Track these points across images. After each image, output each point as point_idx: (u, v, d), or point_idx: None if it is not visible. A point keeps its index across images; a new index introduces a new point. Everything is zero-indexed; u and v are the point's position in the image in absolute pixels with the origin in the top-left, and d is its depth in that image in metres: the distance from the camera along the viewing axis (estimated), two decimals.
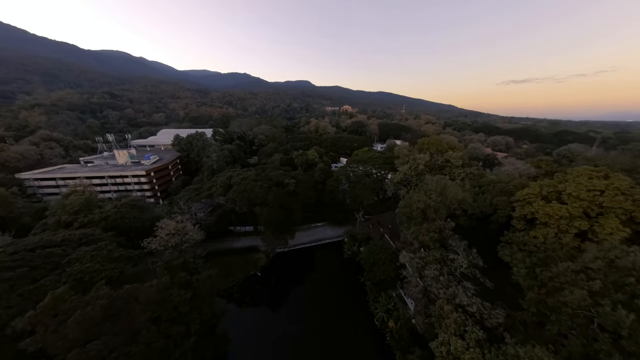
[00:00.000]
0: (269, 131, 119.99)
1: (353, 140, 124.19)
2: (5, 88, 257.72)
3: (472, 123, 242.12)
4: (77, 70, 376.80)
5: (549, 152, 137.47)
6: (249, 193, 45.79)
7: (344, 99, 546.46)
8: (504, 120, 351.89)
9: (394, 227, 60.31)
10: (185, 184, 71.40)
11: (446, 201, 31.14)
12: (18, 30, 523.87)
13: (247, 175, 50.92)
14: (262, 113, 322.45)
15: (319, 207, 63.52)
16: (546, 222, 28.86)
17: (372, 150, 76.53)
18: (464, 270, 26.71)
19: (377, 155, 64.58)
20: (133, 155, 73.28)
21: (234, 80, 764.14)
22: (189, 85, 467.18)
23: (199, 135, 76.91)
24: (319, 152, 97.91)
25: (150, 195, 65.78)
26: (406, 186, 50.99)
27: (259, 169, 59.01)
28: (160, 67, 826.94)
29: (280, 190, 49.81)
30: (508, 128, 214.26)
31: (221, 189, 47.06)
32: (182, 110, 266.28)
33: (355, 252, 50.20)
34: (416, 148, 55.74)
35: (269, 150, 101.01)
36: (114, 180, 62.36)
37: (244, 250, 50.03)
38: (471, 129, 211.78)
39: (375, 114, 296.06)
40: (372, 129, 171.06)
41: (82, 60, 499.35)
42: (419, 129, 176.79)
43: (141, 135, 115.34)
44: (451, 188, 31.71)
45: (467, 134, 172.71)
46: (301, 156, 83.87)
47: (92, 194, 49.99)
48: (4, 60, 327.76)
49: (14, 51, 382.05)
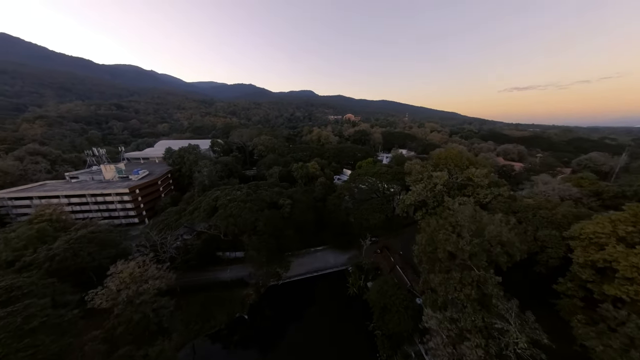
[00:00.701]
0: (268, 142, 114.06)
1: (356, 150, 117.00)
2: (19, 101, 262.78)
3: (478, 131, 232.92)
4: (89, 84, 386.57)
5: (567, 161, 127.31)
6: (236, 219, 38.44)
7: (347, 108, 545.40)
8: (509, 127, 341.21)
9: (406, 252, 51.68)
10: (175, 201, 64.76)
11: (484, 243, 23.01)
12: (39, 48, 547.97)
13: (235, 196, 43.72)
14: (266, 122, 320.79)
15: (320, 228, 55.64)
16: (633, 277, 20.23)
17: (378, 164, 68.88)
18: (520, 351, 18.25)
19: (385, 170, 57.00)
20: (121, 170, 67.43)
21: (239, 91, 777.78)
22: (196, 96, 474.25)
23: (191, 148, 70.84)
24: (320, 164, 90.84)
25: (134, 215, 59.12)
26: (421, 208, 42.84)
27: (251, 187, 51.89)
28: (170, 79, 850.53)
29: (273, 213, 42.37)
30: (517, 136, 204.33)
31: (204, 214, 39.83)
32: (186, 120, 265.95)
33: (361, 287, 41.74)
34: (430, 163, 47.77)
35: (268, 162, 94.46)
36: (94, 199, 56.16)
37: (231, 284, 42.15)
38: (478, 136, 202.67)
39: (378, 122, 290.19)
40: (376, 137, 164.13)
41: (96, 74, 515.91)
42: (424, 138, 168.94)
43: (138, 147, 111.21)
44: (492, 226, 23.51)
45: (475, 142, 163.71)
46: (301, 169, 76.81)
47: (62, 217, 43.74)
48: (21, 74, 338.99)
49: (32, 66, 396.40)
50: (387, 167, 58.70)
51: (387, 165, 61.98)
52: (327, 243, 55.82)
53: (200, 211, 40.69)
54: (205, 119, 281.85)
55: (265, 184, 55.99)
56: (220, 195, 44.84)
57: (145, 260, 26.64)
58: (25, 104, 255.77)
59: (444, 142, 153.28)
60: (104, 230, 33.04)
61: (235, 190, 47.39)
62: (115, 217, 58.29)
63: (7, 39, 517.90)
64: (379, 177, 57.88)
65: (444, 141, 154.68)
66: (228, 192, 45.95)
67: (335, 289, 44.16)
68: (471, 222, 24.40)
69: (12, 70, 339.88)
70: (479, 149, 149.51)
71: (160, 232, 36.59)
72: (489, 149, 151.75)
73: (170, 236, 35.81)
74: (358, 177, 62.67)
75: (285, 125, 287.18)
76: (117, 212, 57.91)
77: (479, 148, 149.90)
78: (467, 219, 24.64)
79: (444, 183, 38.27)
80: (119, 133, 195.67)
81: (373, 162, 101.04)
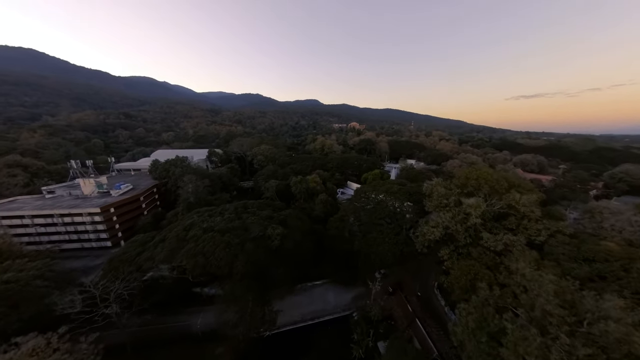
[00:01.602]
0: (268, 151, 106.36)
1: (362, 161, 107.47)
2: (35, 110, 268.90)
3: (489, 139, 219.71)
4: (103, 94, 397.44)
5: (596, 173, 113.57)
6: (207, 257, 29.32)
7: (352, 116, 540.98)
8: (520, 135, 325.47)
9: (426, 293, 40.99)
10: (156, 220, 56.53)
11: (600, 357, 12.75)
12: (61, 62, 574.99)
13: (213, 223, 34.73)
14: (270, 131, 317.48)
15: (319, 256, 45.84)
16: None
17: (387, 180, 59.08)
18: None
19: (397, 188, 47.25)
20: (101, 185, 60.16)
21: (247, 100, 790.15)
22: (204, 105, 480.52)
23: (178, 161, 63.18)
24: (322, 177, 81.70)
25: (107, 238, 50.91)
26: (447, 243, 32.62)
27: (238, 208, 42.96)
28: (181, 90, 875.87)
29: (258, 247, 33.08)
30: (533, 145, 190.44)
31: (167, 251, 30.67)
32: (191, 129, 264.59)
33: (369, 348, 31.29)
34: (456, 183, 37.72)
35: (267, 174, 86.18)
36: (62, 219, 48.48)
37: (203, 338, 32.60)
38: (490, 145, 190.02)
39: (383, 131, 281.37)
40: (382, 147, 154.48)
41: (112, 85, 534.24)
42: (433, 147, 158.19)
43: (134, 156, 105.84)
44: (610, 323, 12.81)
45: (488, 152, 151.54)
46: (300, 184, 67.77)
47: (10, 247, 35.91)
48: (41, 86, 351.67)
49: (53, 79, 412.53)
50: (399, 185, 48.87)
51: (398, 183, 52.05)
52: (327, 276, 45.75)
53: (165, 245, 31.73)
54: (210, 128, 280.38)
55: (255, 204, 46.94)
56: (196, 222, 35.95)
57: (51, 341, 17.57)
58: (41, 113, 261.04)
59: (456, 151, 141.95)
60: (25, 278, 24.14)
61: (215, 215, 38.49)
62: (85, 239, 50.35)
63: (33, 54, 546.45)
64: (390, 196, 48.01)
65: (455, 151, 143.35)
66: (206, 218, 37.07)
67: (336, 346, 33.75)
68: (560, 305, 14.18)
69: (33, 82, 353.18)
70: (494, 159, 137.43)
71: (107, 276, 27.70)
72: (504, 159, 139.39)
73: (119, 282, 26.85)
74: (364, 195, 52.83)
75: (290, 134, 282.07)
76: (88, 234, 49.95)
77: (494, 158, 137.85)
78: (552, 300, 14.26)
79: (480, 215, 28.34)
80: (123, 141, 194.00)
81: (380, 174, 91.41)
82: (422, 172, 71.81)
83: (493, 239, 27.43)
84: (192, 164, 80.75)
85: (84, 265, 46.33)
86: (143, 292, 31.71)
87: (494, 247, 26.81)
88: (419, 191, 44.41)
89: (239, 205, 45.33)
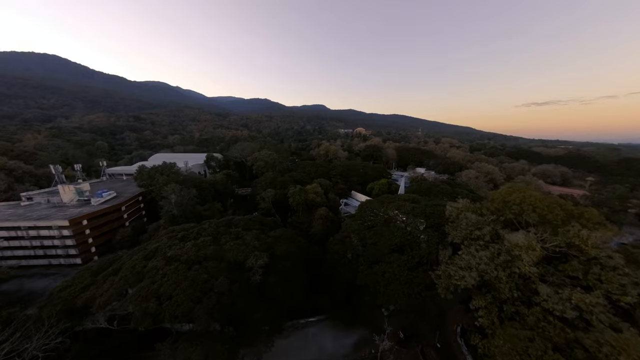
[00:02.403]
0: (269, 157, 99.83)
1: (367, 168, 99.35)
2: (50, 113, 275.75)
3: (502, 147, 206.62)
4: (117, 97, 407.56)
5: (630, 188, 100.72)
6: (162, 302, 21.97)
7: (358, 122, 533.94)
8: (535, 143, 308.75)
9: (446, 341, 32.15)
10: (137, 232, 50.13)
11: None
12: (82, 67, 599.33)
13: (182, 251, 27.48)
14: (276, 135, 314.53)
15: (315, 285, 37.88)
16: None
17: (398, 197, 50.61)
18: None
19: (409, 207, 38.84)
20: (82, 192, 54.61)
21: (255, 105, 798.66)
22: (213, 109, 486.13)
23: (165, 168, 56.88)
24: (324, 186, 74.03)
25: (77, 253, 44.62)
26: (482, 291, 24.08)
27: (220, 227, 35.80)
28: (193, 94, 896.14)
29: (235, 280, 25.55)
30: (551, 154, 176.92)
31: (112, 293, 23.40)
32: (198, 132, 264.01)
33: None
34: (488, 207, 29.15)
35: (265, 182, 79.39)
36: (27, 233, 42.67)
37: None
38: (505, 154, 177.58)
39: (390, 137, 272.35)
40: (389, 153, 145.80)
41: (127, 90, 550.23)
42: (444, 155, 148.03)
43: (131, 160, 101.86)
44: None
45: (504, 161, 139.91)
46: (298, 195, 60.26)
47: None
48: (60, 89, 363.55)
49: (71, 82, 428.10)
50: (412, 203, 40.48)
51: (410, 200, 43.57)
52: (324, 311, 37.53)
53: (116, 281, 24.54)
54: (216, 131, 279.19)
55: (242, 221, 39.63)
56: (162, 247, 28.83)
57: None
58: (55, 115, 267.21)
59: (469, 160, 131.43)
60: None
61: (190, 237, 31.29)
62: (52, 255, 44.26)
63: (57, 60, 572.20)
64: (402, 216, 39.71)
65: (467, 159, 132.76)
66: (176, 242, 29.89)
67: None
68: None
69: (52, 85, 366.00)
70: (511, 169, 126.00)
71: (22, 329, 20.58)
72: (522, 169, 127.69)
73: (39, 336, 19.73)
74: (371, 213, 44.62)
75: (295, 138, 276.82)
76: (56, 249, 43.87)
77: (511, 168, 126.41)
78: None
79: (536, 261, 19.77)
80: (130, 143, 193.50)
81: (387, 184, 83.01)
82: (435, 184, 63.05)
83: (556, 298, 18.76)
84: (184, 170, 74.95)
85: (46, 287, 40.07)
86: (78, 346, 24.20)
87: (560, 311, 18.17)
88: (438, 212, 36.02)
89: (222, 222, 38.05)
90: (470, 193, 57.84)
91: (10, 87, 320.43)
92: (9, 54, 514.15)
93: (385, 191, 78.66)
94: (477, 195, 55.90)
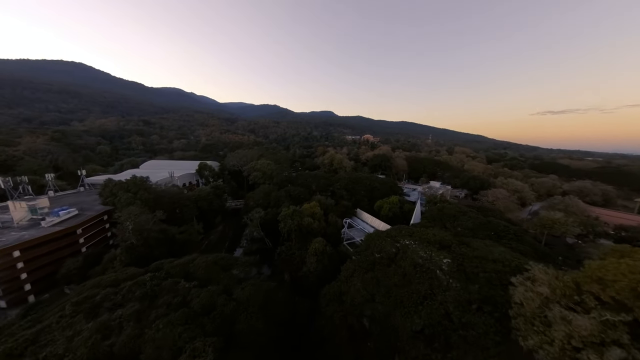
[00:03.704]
0: (266, 167, 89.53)
1: (376, 182, 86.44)
2: (68, 116, 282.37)
3: (524, 158, 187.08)
4: (133, 102, 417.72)
5: None
6: None
7: (366, 128, 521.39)
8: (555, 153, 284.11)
9: None
10: (90, 263, 40.03)
11: None
12: (103, 73, 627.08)
13: (65, 348, 16.42)
14: (282, 141, 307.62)
15: None
16: None
17: (421, 239, 37.04)
18: None
19: (439, 258, 26.00)
20: (35, 210, 45.59)
21: (264, 110, 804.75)
22: (223, 114, 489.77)
23: (131, 184, 46.40)
24: (323, 206, 62.17)
25: (2, 295, 34.67)
26: None
27: (163, 282, 24.86)
28: (206, 100, 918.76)
29: None
30: (581, 167, 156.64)
31: None
32: (204, 137, 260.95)
33: None
34: (575, 279, 15.98)
35: (257, 197, 68.73)
36: None
37: None
38: (528, 166, 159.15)
39: (399, 144, 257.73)
40: (399, 164, 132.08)
41: (143, 95, 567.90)
42: (460, 167, 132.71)
43: (122, 167, 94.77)
44: None
45: (531, 175, 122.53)
46: (291, 219, 48.60)
47: None
48: (80, 94, 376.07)
49: (93, 88, 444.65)
50: (441, 251, 27.67)
51: (438, 243, 30.69)
52: None
53: None
54: (223, 136, 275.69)
55: (203, 265, 28.38)
56: (41, 341, 17.80)
57: None
58: (72, 118, 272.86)
59: (490, 174, 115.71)
60: None
61: (95, 315, 20.27)
62: None
63: (81, 67, 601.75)
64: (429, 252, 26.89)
65: (489, 173, 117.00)
66: (67, 324, 18.80)
67: None
68: None
69: (73, 90, 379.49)
70: (540, 185, 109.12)
71: None
72: (553, 185, 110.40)
73: None
74: (382, 253, 32.02)
75: (300, 144, 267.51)
76: None
77: (540, 184, 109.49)
78: None
79: None
80: (136, 147, 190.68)
81: (399, 203, 69.76)
82: (461, 209, 49.43)
83: None
84: (166, 182, 65.31)
85: None
86: None
87: None
88: (487, 270, 23.13)
89: (177, 265, 26.88)
90: (509, 225, 44.00)
91: (35, 92, 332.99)
92: (40, 62, 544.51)
93: (396, 212, 65.63)
94: (520, 231, 42.09)
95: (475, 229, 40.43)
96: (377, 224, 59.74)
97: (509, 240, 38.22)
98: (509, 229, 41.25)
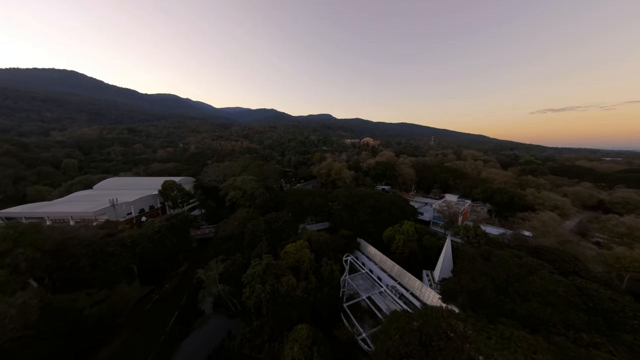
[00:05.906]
0: (247, 184, 72.61)
1: (382, 200, 68.77)
2: (50, 126, 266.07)
3: (542, 160, 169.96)
4: (123, 110, 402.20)
5: None
6: None
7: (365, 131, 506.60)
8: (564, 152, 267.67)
9: None
10: None
11: None
12: (96, 81, 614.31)
13: None
14: (277, 146, 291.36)
15: None
16: None
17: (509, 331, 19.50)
18: None
19: None
20: None
21: (261, 115, 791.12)
22: (218, 120, 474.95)
23: (12, 233, 29.21)
24: (315, 244, 44.84)
25: None
26: None
27: None
28: (202, 106, 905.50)
29: None
30: (604, 169, 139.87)
31: None
32: (194, 144, 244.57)
33: None
34: None
35: (228, 232, 51.74)
36: None
37: None
38: (547, 169, 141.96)
39: (401, 148, 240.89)
40: (406, 172, 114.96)
41: (136, 102, 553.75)
42: (476, 174, 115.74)
43: (72, 188, 76.00)
44: None
45: (561, 184, 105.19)
46: (261, 281, 31.44)
47: None
48: (67, 102, 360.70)
49: (82, 96, 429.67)
50: None
51: None
52: None
53: None
54: (214, 143, 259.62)
55: None
56: None
57: None
58: (53, 128, 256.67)
59: (515, 182, 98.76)
60: None
61: None
62: None
63: (74, 75, 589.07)
64: None
65: (514, 182, 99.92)
66: None
67: None
68: None
69: (60, 99, 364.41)
70: (575, 195, 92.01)
71: None
72: (591, 196, 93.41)
73: None
74: None
75: (297, 150, 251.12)
76: None
77: (575, 194, 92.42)
78: None
79: None
80: (114, 158, 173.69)
81: (415, 232, 52.31)
82: (527, 264, 31.79)
83: None
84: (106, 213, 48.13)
85: None
86: None
87: None
88: None
89: None
90: (616, 297, 26.71)
91: (18, 101, 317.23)
92: (30, 70, 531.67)
93: (413, 248, 48.24)
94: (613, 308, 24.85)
95: (559, 305, 23.20)
96: (397, 271, 42.36)
97: (635, 333, 21.14)
98: (622, 306, 24.05)
